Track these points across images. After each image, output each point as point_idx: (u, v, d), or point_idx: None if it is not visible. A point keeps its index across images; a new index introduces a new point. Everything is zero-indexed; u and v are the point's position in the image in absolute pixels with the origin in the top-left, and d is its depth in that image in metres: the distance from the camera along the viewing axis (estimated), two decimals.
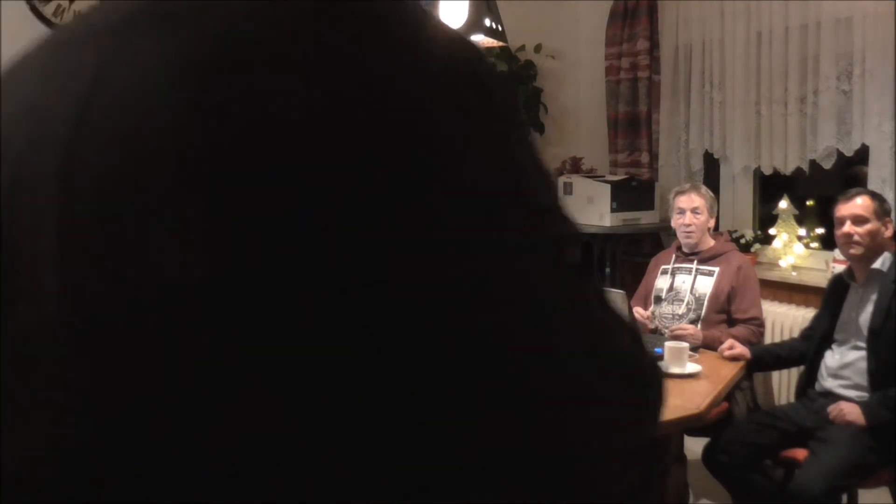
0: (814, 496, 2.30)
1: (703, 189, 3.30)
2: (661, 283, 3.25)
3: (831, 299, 2.78)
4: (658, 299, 3.22)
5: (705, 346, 2.91)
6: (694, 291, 3.13)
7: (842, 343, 2.69)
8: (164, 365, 0.23)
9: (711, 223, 3.25)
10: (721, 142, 4.08)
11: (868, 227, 2.64)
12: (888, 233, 2.64)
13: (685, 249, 3.25)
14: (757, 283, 3.17)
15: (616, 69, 4.55)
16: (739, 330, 2.99)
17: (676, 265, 3.25)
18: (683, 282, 3.19)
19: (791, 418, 2.66)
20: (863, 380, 2.58)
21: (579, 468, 0.30)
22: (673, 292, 3.20)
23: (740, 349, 2.79)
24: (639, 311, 3.13)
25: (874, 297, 2.59)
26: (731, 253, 3.21)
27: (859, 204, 2.67)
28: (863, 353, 2.59)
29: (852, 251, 2.69)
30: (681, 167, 4.33)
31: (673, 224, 3.30)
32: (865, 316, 2.61)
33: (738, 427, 2.73)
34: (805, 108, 3.67)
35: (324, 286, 0.24)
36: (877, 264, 2.62)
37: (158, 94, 0.25)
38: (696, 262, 3.19)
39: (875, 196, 2.71)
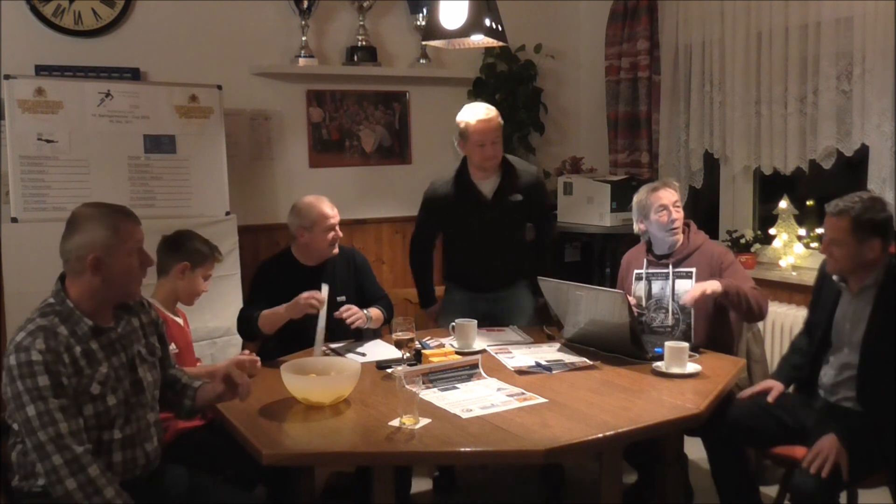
0: (812, 494, 2.30)
1: (674, 181, 3.22)
2: (637, 289, 3.13)
3: (823, 300, 2.71)
4: (639, 306, 3.10)
5: (726, 296, 2.84)
6: (676, 299, 3.02)
7: (835, 351, 2.63)
8: None
9: None
10: (721, 142, 4.08)
11: (844, 250, 2.48)
12: (871, 254, 2.46)
13: (663, 250, 3.11)
14: (739, 264, 3.08)
15: (616, 69, 4.55)
16: (752, 290, 2.91)
17: (650, 271, 3.12)
18: (662, 288, 3.07)
19: (794, 413, 2.64)
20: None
21: None
22: (653, 300, 3.09)
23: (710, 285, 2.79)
24: (628, 298, 3.02)
25: (868, 309, 2.51)
26: (703, 246, 3.08)
27: (834, 225, 2.50)
28: (855, 371, 2.53)
29: (828, 269, 2.62)
30: (681, 167, 4.33)
31: (645, 226, 3.13)
32: (858, 333, 2.53)
33: (742, 408, 2.68)
34: (805, 108, 3.66)
35: None
36: (870, 278, 2.52)
37: None
38: (670, 265, 3.06)
39: (860, 214, 2.45)
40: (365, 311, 3.07)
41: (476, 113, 3.23)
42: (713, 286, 2.81)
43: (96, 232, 2.00)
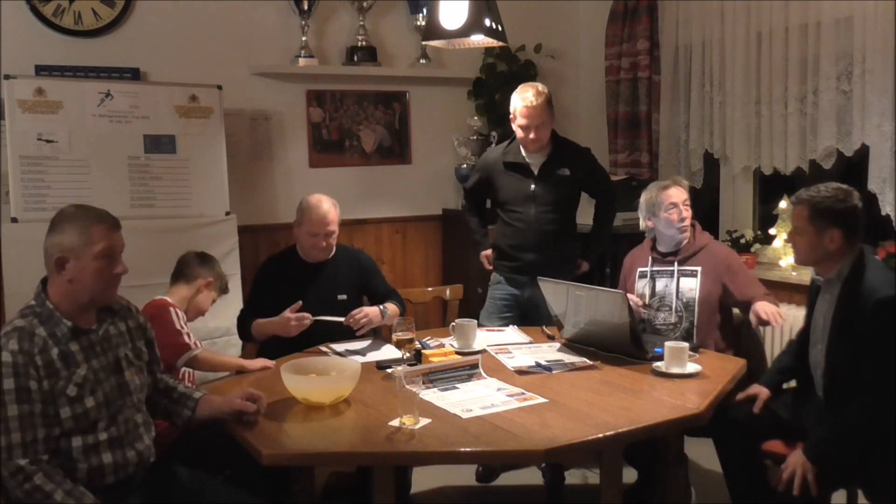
0: (806, 492, 2.29)
1: (683, 180, 3.24)
2: (641, 287, 3.15)
3: (811, 295, 2.69)
4: (646, 306, 3.12)
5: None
6: (680, 296, 3.04)
7: (812, 346, 2.61)
8: None
9: None
10: (721, 142, 4.08)
11: (804, 239, 2.48)
12: (832, 245, 2.42)
13: (668, 248, 3.12)
14: (745, 265, 3.10)
15: (616, 69, 4.55)
16: (764, 300, 2.94)
17: (655, 268, 3.13)
18: (666, 286, 3.09)
19: (794, 411, 2.63)
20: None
21: None
22: (656, 298, 3.10)
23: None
24: (632, 298, 3.03)
25: (835, 302, 2.48)
26: (709, 246, 3.10)
27: (796, 213, 2.50)
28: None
29: (794, 259, 2.62)
30: (681, 167, 4.33)
31: (653, 223, 3.14)
32: (826, 323, 2.51)
33: (742, 409, 2.65)
34: (805, 108, 3.66)
35: None
36: (833, 272, 2.48)
37: None
38: (675, 263, 3.08)
39: (819, 202, 2.43)
40: (382, 307, 3.07)
41: (525, 97, 3.30)
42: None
43: (67, 234, 2.00)
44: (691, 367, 2.57)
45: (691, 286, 3.03)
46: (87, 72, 3.73)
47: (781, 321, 2.87)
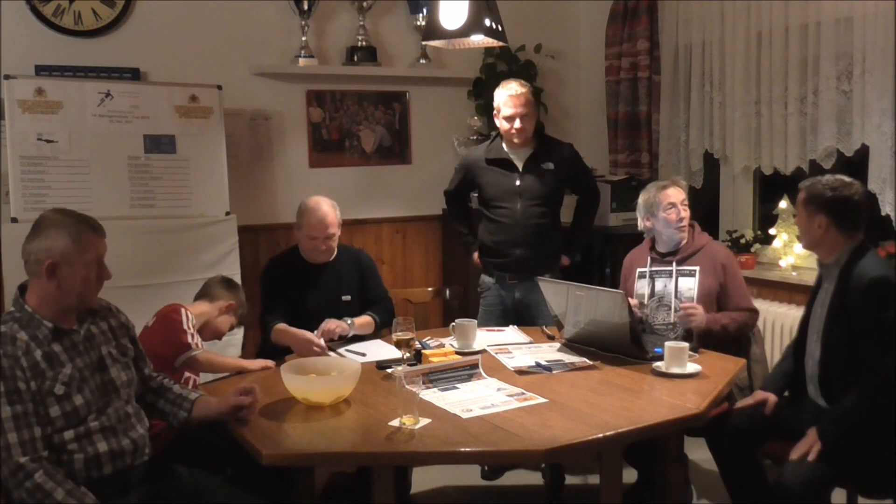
0: (803, 491, 2.29)
1: (681, 180, 3.26)
2: (640, 287, 3.15)
3: (813, 291, 2.71)
4: (641, 305, 3.12)
5: (707, 332, 2.90)
6: (679, 296, 3.05)
7: (810, 336, 2.62)
8: None
9: None
10: (721, 142, 4.08)
11: (799, 223, 2.60)
12: (819, 231, 2.50)
13: (667, 248, 3.13)
14: (741, 274, 3.13)
15: (616, 69, 4.55)
16: (738, 314, 2.97)
17: (654, 268, 3.14)
18: (665, 285, 3.10)
19: (791, 417, 2.63)
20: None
21: None
22: (655, 298, 3.11)
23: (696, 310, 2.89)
24: (631, 301, 3.02)
25: (831, 292, 2.52)
26: (707, 246, 3.12)
27: (798, 198, 2.60)
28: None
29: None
30: (681, 167, 4.33)
31: (651, 223, 3.15)
32: (823, 311, 2.54)
33: (741, 416, 2.67)
34: (805, 108, 3.66)
35: None
36: (832, 258, 2.54)
37: None
38: (674, 263, 3.09)
39: (812, 190, 2.54)
40: (349, 321, 3.04)
41: (508, 89, 3.39)
42: (699, 322, 2.90)
43: (57, 239, 2.03)
44: (691, 367, 2.57)
45: (690, 286, 3.04)
46: (87, 72, 3.73)
47: (691, 314, 2.92)
